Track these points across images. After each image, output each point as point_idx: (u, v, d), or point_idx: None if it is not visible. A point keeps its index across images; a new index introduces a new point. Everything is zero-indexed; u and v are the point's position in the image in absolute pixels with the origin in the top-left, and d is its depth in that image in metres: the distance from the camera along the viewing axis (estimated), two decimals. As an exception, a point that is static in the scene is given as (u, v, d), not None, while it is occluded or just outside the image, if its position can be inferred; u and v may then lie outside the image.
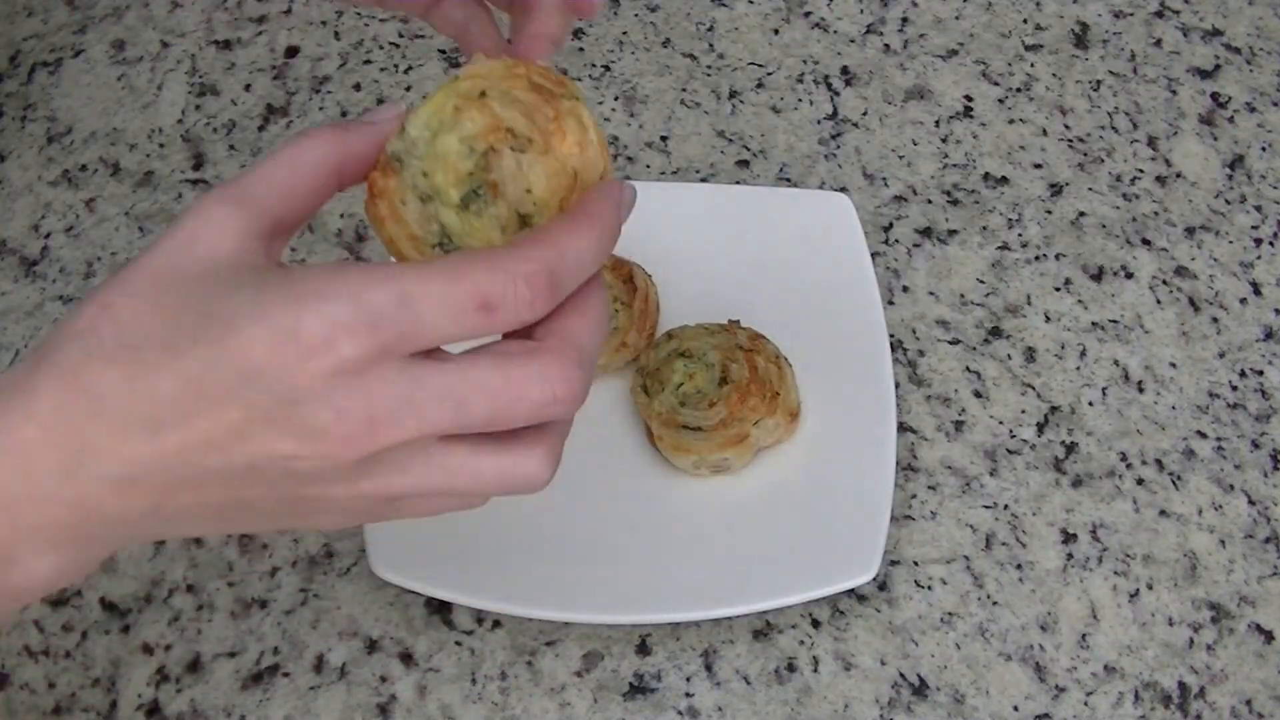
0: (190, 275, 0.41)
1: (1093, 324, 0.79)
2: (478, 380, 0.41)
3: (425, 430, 0.41)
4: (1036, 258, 0.81)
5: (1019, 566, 0.71)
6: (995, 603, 0.70)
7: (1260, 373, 0.77)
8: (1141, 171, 0.84)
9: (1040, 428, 0.75)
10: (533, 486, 0.44)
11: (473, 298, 0.41)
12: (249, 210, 0.43)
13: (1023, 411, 0.76)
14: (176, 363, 0.40)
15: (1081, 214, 0.82)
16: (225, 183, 0.44)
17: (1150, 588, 0.71)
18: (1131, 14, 0.90)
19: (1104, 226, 0.82)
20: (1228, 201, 0.83)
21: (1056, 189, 0.83)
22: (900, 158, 0.84)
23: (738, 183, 0.83)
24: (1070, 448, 0.75)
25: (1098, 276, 0.80)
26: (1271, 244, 0.81)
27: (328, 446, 0.40)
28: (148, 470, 0.40)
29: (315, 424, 0.40)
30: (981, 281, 0.80)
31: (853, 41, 0.89)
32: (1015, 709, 0.68)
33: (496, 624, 0.70)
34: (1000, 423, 0.75)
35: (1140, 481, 0.74)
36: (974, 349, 0.78)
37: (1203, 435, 0.75)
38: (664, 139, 0.85)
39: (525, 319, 0.42)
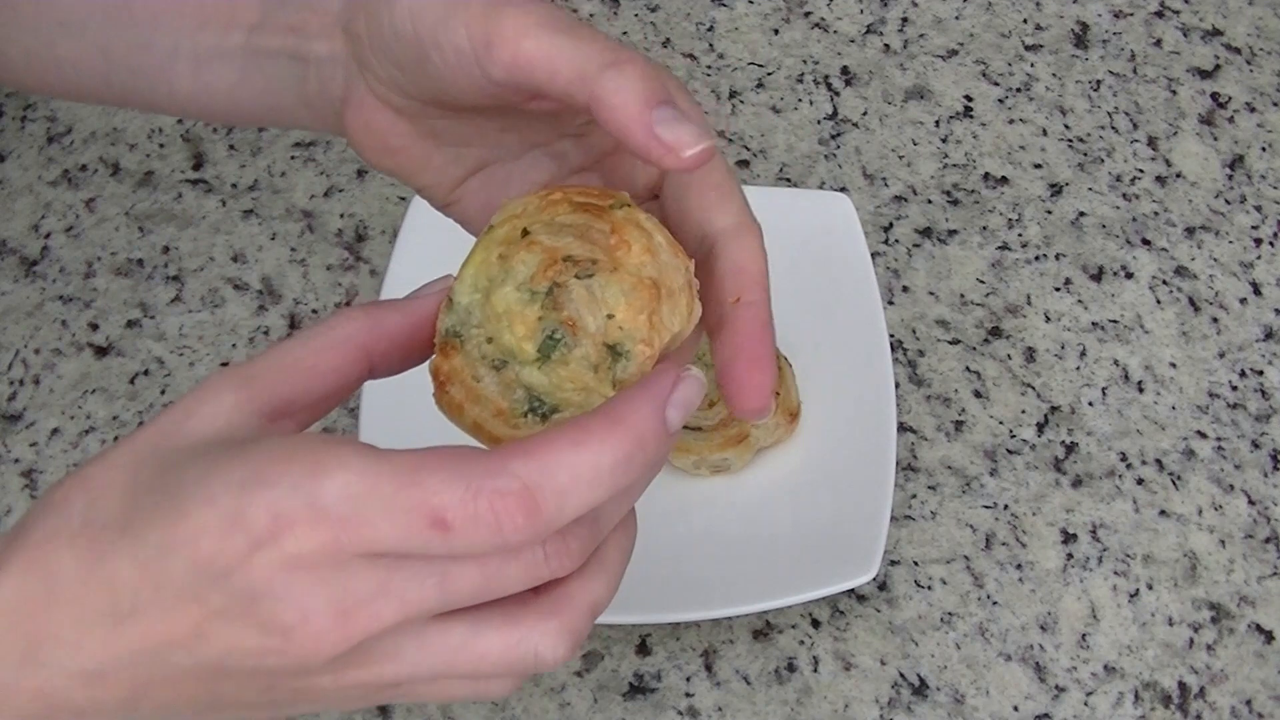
0: (171, 450, 0.38)
1: (1093, 324, 0.79)
2: None
3: (409, 614, 0.36)
4: (1036, 258, 0.81)
5: (1019, 566, 0.71)
6: (995, 603, 0.71)
7: (1260, 373, 0.77)
8: (1141, 171, 0.84)
9: (1040, 428, 0.75)
10: (546, 666, 0.38)
11: (423, 510, 0.35)
12: (252, 387, 0.39)
13: (1023, 411, 0.76)
14: (132, 549, 0.36)
15: (1081, 214, 0.82)
16: (240, 362, 0.40)
17: (1150, 588, 0.71)
18: (1131, 14, 0.90)
19: (1104, 226, 0.82)
20: (1228, 201, 0.83)
21: (1056, 189, 0.83)
22: (900, 158, 0.84)
23: (738, 183, 0.83)
24: (1070, 448, 0.75)
25: (1098, 276, 0.80)
26: (1271, 244, 0.81)
27: (297, 643, 0.36)
28: (114, 665, 0.37)
29: (278, 621, 0.36)
30: (981, 281, 0.80)
31: (853, 41, 0.89)
32: (1015, 709, 0.68)
33: (496, 624, 0.70)
34: (1000, 423, 0.75)
35: (1140, 481, 0.74)
36: (974, 349, 0.78)
37: (1203, 435, 0.75)
38: (664, 139, 0.85)
39: (495, 547, 0.35)
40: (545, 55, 0.41)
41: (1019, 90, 0.87)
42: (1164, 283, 0.80)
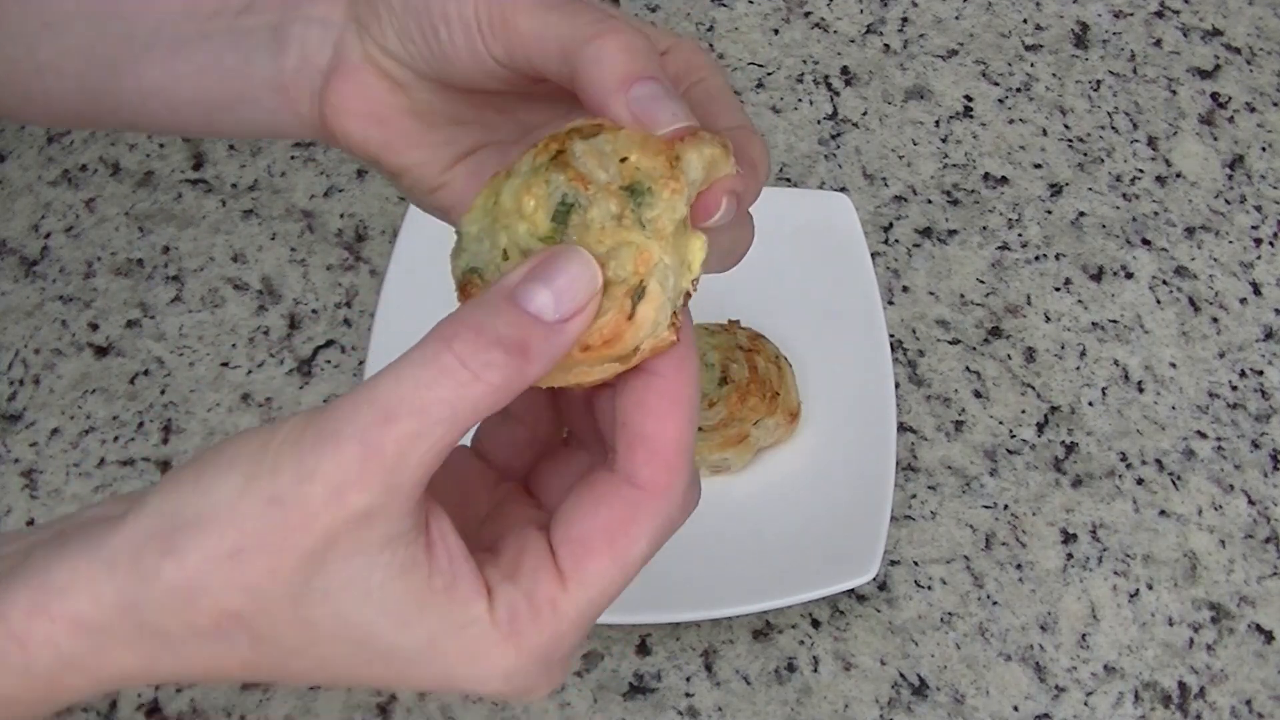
0: (334, 588, 0.36)
1: (1093, 324, 0.79)
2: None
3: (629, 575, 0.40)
4: (1036, 258, 0.81)
5: (1019, 566, 0.71)
6: (995, 603, 0.71)
7: (1260, 373, 0.77)
8: (1141, 171, 0.84)
9: (1040, 428, 0.75)
10: (689, 507, 0.41)
11: None
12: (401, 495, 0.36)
13: (1023, 411, 0.76)
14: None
15: (1081, 214, 0.82)
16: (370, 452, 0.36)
17: (1150, 588, 0.71)
18: (1131, 14, 0.90)
19: (1104, 226, 0.82)
20: (1228, 201, 0.83)
21: (1056, 189, 0.83)
22: (900, 158, 0.84)
23: (738, 183, 0.82)
24: (1070, 448, 0.75)
25: (1098, 276, 0.80)
26: (1271, 244, 0.81)
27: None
28: None
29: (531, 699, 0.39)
30: (981, 281, 0.80)
31: (853, 41, 0.89)
32: (1015, 709, 0.68)
33: (496, 624, 0.70)
34: (1000, 423, 0.75)
35: (1140, 481, 0.74)
36: (974, 349, 0.78)
37: (1203, 435, 0.75)
38: (664, 139, 0.85)
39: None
40: (537, 33, 0.40)
41: (1019, 90, 0.87)
42: (1164, 283, 0.80)
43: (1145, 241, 0.81)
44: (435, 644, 0.36)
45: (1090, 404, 0.76)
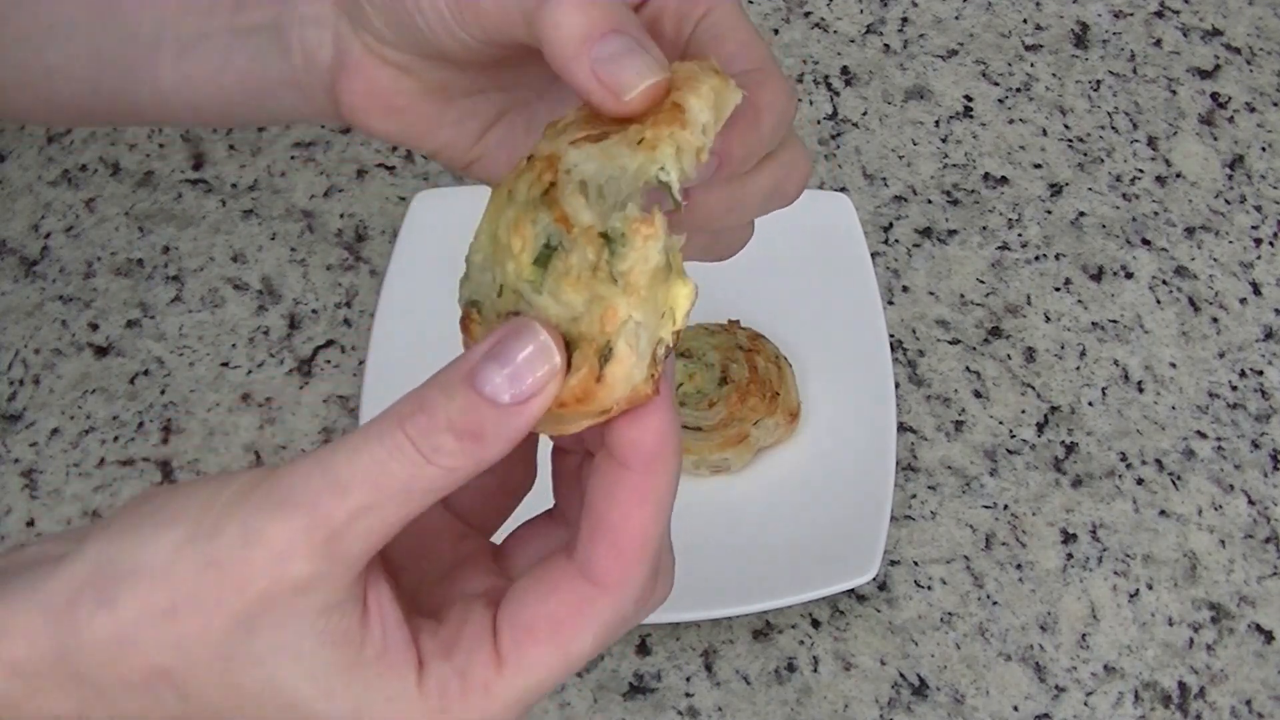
0: (264, 652, 0.35)
1: (1093, 324, 0.79)
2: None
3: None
4: (1036, 258, 0.81)
5: (1019, 566, 0.71)
6: (995, 603, 0.71)
7: (1260, 373, 0.77)
8: (1141, 171, 0.84)
9: (1040, 428, 0.75)
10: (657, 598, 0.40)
11: None
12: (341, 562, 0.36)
13: (1023, 411, 0.76)
14: None
15: (1081, 214, 0.82)
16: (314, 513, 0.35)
17: (1150, 588, 0.71)
18: (1131, 14, 0.90)
19: (1104, 226, 0.82)
20: (1228, 201, 0.83)
21: (1056, 189, 0.83)
22: (900, 158, 0.84)
23: (738, 183, 0.82)
24: (1070, 448, 0.75)
25: (1098, 276, 0.80)
26: (1271, 244, 0.81)
27: None
28: None
29: None
30: (981, 281, 0.80)
31: (853, 41, 0.89)
32: (1015, 709, 0.68)
33: (496, 624, 0.70)
34: (1000, 423, 0.75)
35: (1140, 481, 0.74)
36: (974, 349, 0.78)
37: (1203, 435, 0.75)
38: (664, 139, 0.85)
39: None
40: (499, 7, 0.38)
41: (1019, 90, 0.87)
42: (1164, 283, 0.80)
43: (1145, 241, 0.81)
44: (360, 714, 0.36)
45: (1090, 404, 0.76)
